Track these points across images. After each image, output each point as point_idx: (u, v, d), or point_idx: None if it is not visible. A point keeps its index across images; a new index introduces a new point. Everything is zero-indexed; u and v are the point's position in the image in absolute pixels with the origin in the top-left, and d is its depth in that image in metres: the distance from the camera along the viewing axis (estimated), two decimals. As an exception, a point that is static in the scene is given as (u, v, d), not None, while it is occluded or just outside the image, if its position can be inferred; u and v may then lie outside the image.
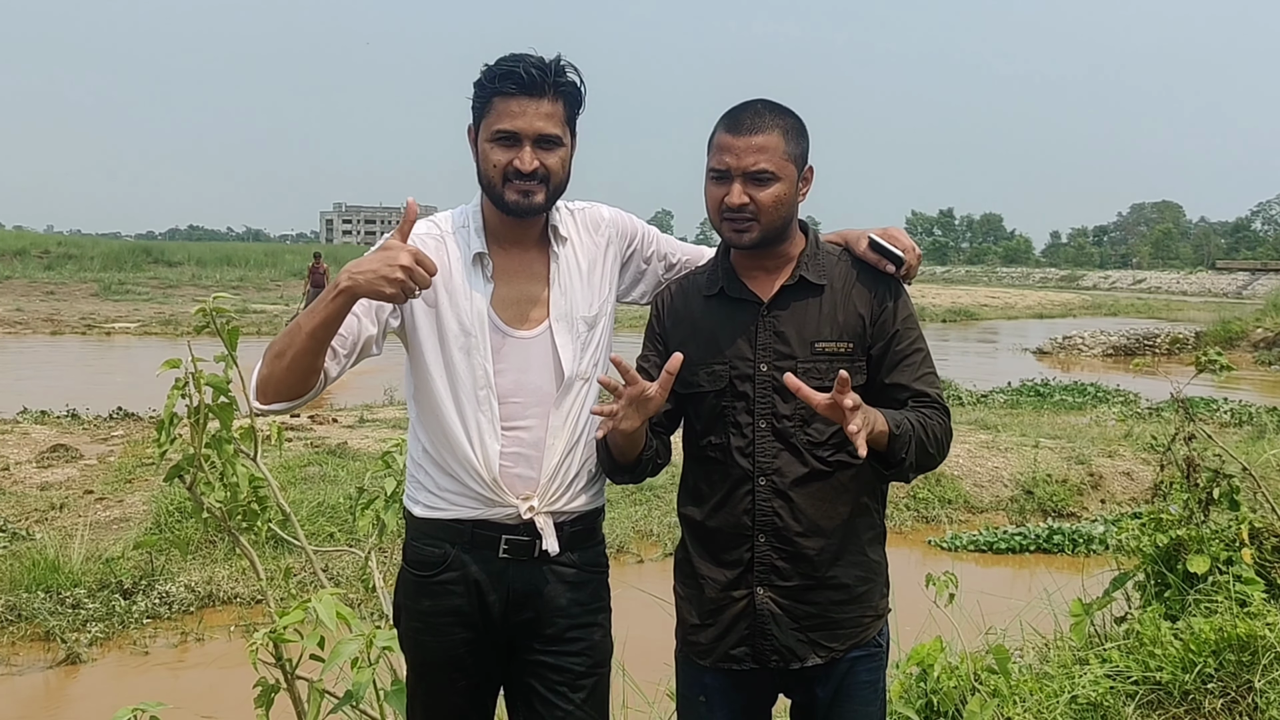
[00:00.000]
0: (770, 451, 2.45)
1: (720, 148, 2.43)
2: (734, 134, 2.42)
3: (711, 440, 2.51)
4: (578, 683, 2.58)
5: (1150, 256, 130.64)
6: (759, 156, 2.39)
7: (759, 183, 2.40)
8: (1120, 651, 3.95)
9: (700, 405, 2.52)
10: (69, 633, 6.44)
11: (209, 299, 2.76)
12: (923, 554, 8.74)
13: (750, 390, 2.46)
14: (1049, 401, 16.56)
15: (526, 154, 2.44)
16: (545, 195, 2.49)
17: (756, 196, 2.41)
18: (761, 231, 2.43)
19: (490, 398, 2.50)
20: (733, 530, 2.49)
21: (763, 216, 2.42)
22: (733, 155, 2.41)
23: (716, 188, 2.44)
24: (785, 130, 2.44)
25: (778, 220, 2.44)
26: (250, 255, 61.42)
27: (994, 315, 45.97)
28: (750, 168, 2.39)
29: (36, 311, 33.11)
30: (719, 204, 2.44)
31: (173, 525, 8.05)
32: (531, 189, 2.46)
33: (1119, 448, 11.50)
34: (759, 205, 2.41)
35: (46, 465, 10.78)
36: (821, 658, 2.48)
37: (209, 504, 2.91)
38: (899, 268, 2.53)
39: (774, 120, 2.43)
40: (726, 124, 2.45)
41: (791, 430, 2.45)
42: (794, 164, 2.45)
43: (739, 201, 2.40)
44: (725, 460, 2.49)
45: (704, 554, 2.55)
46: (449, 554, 2.53)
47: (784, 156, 2.42)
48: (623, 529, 8.70)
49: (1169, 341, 27.29)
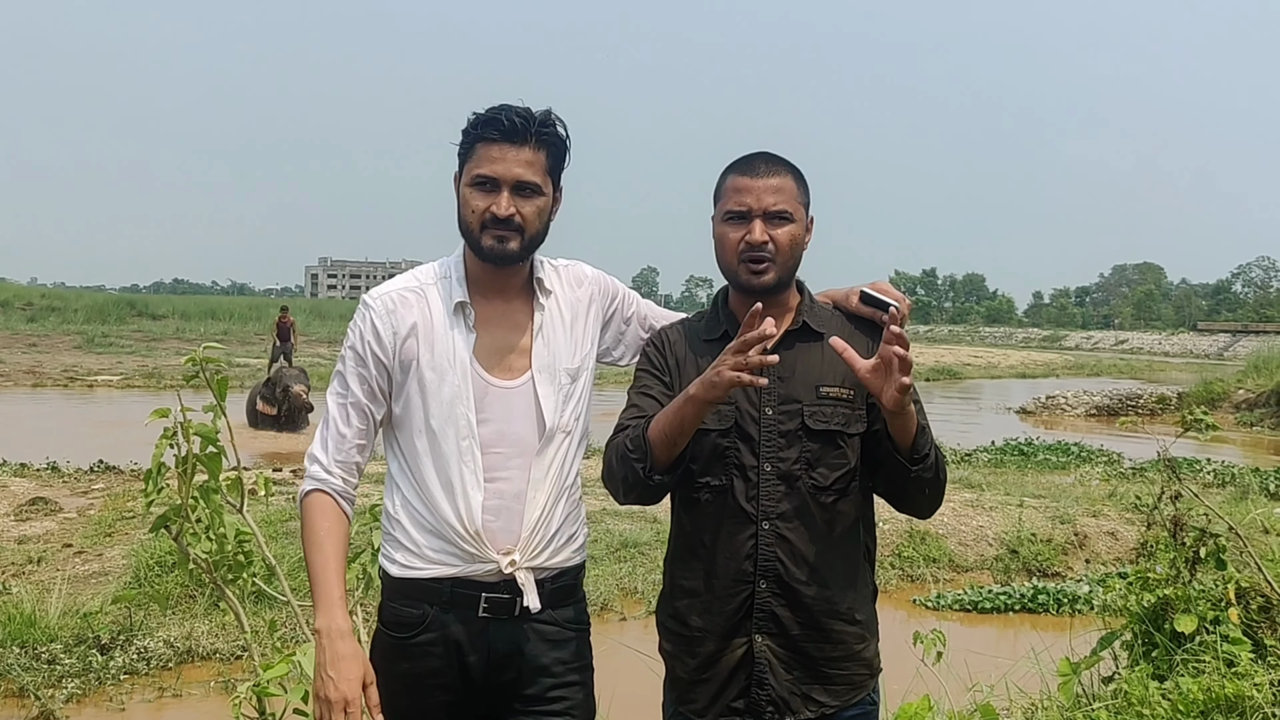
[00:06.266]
0: (775, 495, 2.44)
1: (738, 189, 2.48)
2: (751, 176, 2.48)
3: (710, 482, 2.48)
4: None
5: (1132, 317, 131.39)
6: (778, 197, 2.46)
7: (777, 222, 2.46)
8: (1109, 711, 3.93)
9: (700, 444, 2.48)
10: (44, 689, 6.32)
11: (198, 349, 2.76)
12: (908, 613, 8.70)
13: (756, 433, 2.46)
14: (1033, 461, 16.56)
15: (503, 199, 2.45)
16: (520, 243, 2.49)
17: (774, 235, 2.46)
18: (778, 273, 2.48)
19: (473, 447, 2.49)
20: (733, 576, 2.46)
21: (779, 257, 2.47)
22: (752, 196, 2.46)
23: (734, 229, 2.48)
24: (795, 176, 2.52)
25: (792, 263, 2.50)
26: (235, 309, 61.40)
27: (977, 374, 46.15)
28: (770, 207, 2.46)
29: (18, 363, 32.99)
30: (736, 245, 2.48)
31: (152, 579, 7.96)
32: (507, 235, 2.47)
33: (1103, 507, 11.50)
34: (777, 245, 2.46)
35: (25, 518, 10.68)
36: (813, 712, 2.46)
37: (195, 554, 2.88)
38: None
39: (785, 166, 2.51)
40: (741, 168, 2.50)
41: (797, 473, 2.45)
42: (804, 209, 2.52)
43: (761, 239, 2.45)
44: (725, 503, 2.47)
45: (700, 604, 2.51)
46: (427, 614, 2.49)
47: (797, 199, 2.50)
48: (606, 586, 8.64)
49: (1153, 401, 27.39)
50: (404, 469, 2.56)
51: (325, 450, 2.54)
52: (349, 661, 2.36)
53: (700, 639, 2.51)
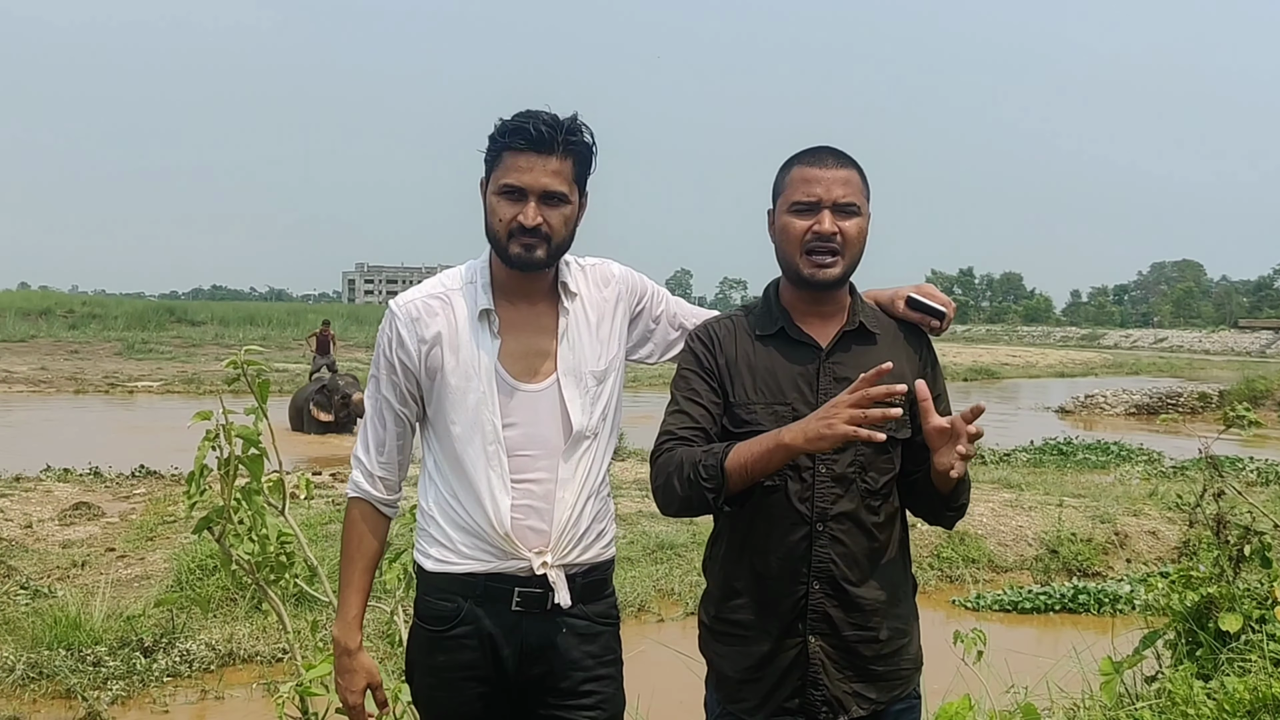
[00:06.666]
0: (829, 498, 2.42)
1: (806, 180, 2.44)
2: (820, 167, 2.44)
3: (764, 482, 2.42)
4: None
5: (1171, 315, 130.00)
6: (846, 189, 2.42)
7: (846, 214, 2.43)
8: (1152, 711, 3.89)
9: None
10: (89, 690, 6.40)
11: (239, 352, 2.78)
12: (946, 613, 8.65)
13: None
14: (1072, 460, 16.44)
15: (531, 209, 2.45)
16: (547, 251, 2.50)
17: (843, 227, 2.42)
18: (844, 266, 2.44)
19: (500, 452, 2.50)
20: (787, 577, 2.44)
21: (847, 250, 2.43)
22: (822, 187, 2.42)
23: (801, 219, 2.43)
24: (860, 172, 2.48)
25: (857, 256, 2.47)
26: (273, 315, 61.99)
27: (1015, 374, 45.83)
28: (840, 199, 2.41)
29: (60, 370, 33.39)
30: (802, 234, 2.43)
31: (194, 583, 8.04)
32: (533, 244, 2.48)
33: (1144, 506, 11.40)
34: (846, 237, 2.42)
35: (69, 523, 10.82)
36: (864, 709, 2.46)
37: (238, 555, 2.91)
38: (940, 321, 2.56)
39: (850, 161, 2.48)
40: (808, 160, 2.46)
41: (851, 476, 2.43)
42: (868, 203, 2.49)
43: (831, 229, 2.41)
44: (779, 504, 2.44)
45: (752, 603, 2.50)
46: (462, 608, 2.52)
47: (862, 194, 2.47)
48: (643, 587, 8.64)
49: (1194, 399, 27.10)
50: (438, 467, 2.59)
51: (367, 452, 2.62)
52: (355, 675, 2.59)
53: (753, 638, 2.49)
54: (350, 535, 2.61)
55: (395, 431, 2.60)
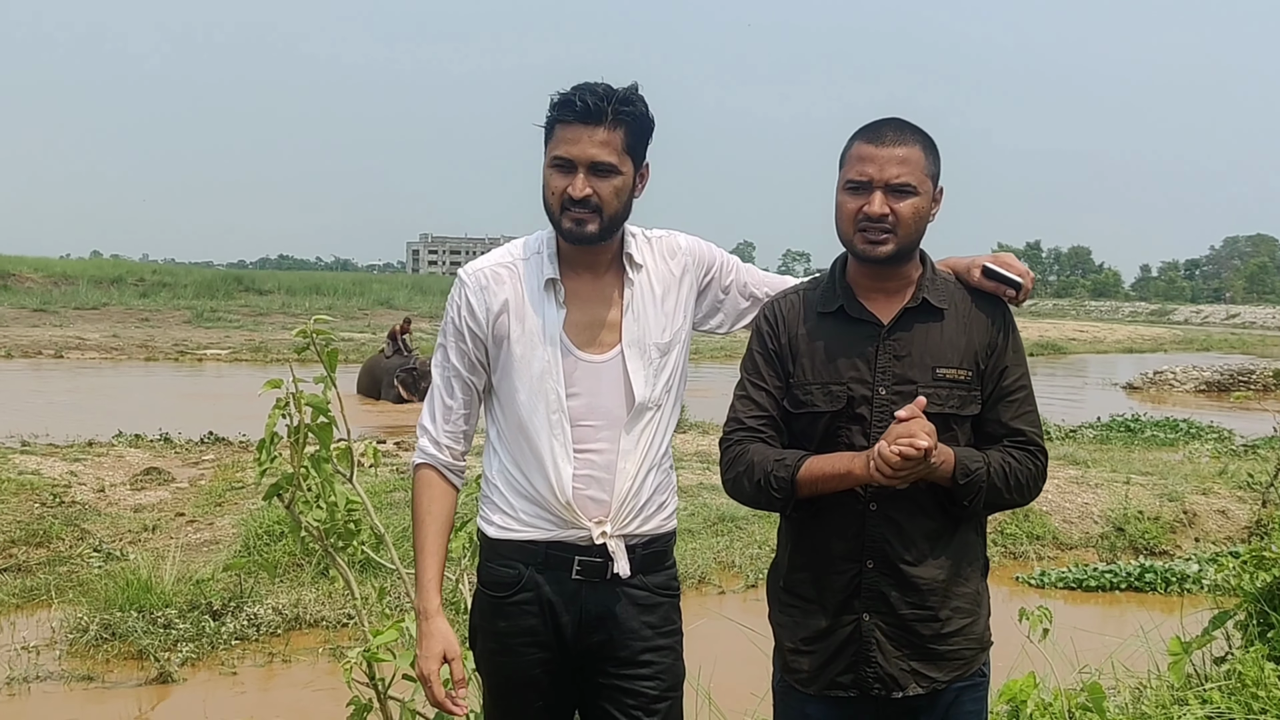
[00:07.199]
0: None
1: (861, 158, 2.40)
2: (876, 145, 2.39)
3: None
4: (652, 706, 2.56)
5: (1244, 291, 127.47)
6: (901, 169, 2.37)
7: (900, 194, 2.38)
8: (1221, 693, 3.84)
9: (813, 426, 2.46)
10: (161, 652, 6.55)
11: (308, 322, 2.81)
12: (1010, 590, 8.58)
13: (868, 413, 2.42)
14: (1140, 437, 16.23)
15: (579, 180, 2.45)
16: (599, 225, 2.49)
17: (896, 208, 2.37)
18: (897, 245, 2.40)
19: (563, 421, 2.52)
20: (841, 554, 2.44)
21: (900, 229, 2.38)
22: (875, 166, 2.37)
23: (853, 199, 2.41)
24: (925, 145, 2.43)
25: (914, 235, 2.42)
26: (338, 284, 62.61)
27: (1082, 349, 45.24)
28: (893, 179, 2.37)
29: (132, 338, 34.00)
30: (854, 215, 2.40)
31: (261, 548, 8.19)
32: (584, 217, 2.47)
33: (1214, 485, 11.22)
34: (898, 217, 2.38)
35: (140, 488, 11.04)
36: (923, 688, 2.44)
37: (307, 522, 2.95)
38: (1017, 292, 2.51)
39: (914, 135, 2.42)
40: (867, 136, 2.42)
41: None
42: (931, 180, 2.44)
43: (880, 211, 2.37)
44: None
45: (810, 579, 2.50)
46: (523, 574, 2.54)
47: (923, 171, 2.41)
48: (704, 560, 8.64)
49: (1268, 376, 26.55)
50: (501, 436, 2.61)
51: (434, 421, 2.63)
52: (430, 640, 2.53)
53: (811, 611, 2.49)
54: (420, 501, 2.61)
55: (463, 400, 2.61)
